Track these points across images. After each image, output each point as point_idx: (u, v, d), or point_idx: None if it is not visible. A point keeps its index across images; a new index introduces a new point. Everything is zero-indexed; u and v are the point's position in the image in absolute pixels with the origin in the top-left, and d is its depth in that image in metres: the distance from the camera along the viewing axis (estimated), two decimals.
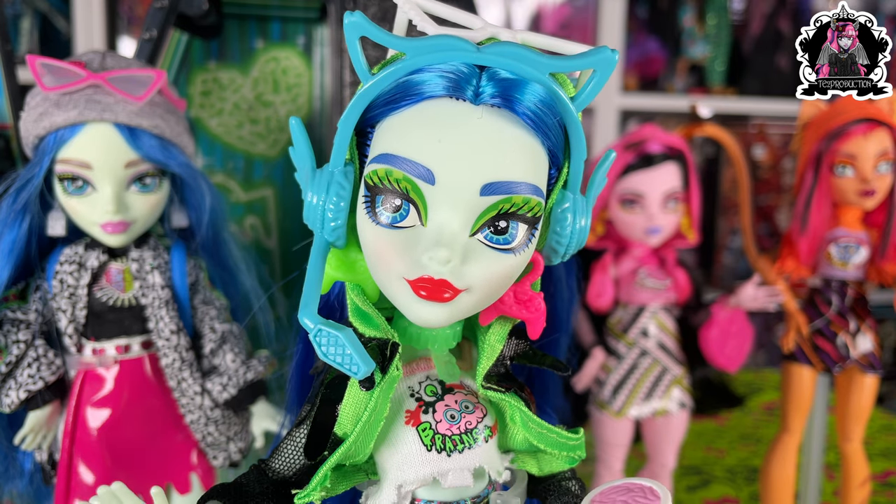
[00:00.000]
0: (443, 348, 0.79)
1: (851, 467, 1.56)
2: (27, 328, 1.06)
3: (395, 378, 0.74)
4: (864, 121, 1.39)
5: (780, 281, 1.50)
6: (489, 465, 0.78)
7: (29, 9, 2.17)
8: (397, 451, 0.76)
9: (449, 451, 0.75)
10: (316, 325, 0.71)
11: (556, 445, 0.79)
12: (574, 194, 0.74)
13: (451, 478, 0.75)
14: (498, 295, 0.74)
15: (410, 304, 0.70)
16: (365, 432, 0.74)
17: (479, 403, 0.79)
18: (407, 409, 0.76)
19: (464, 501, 0.79)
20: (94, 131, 1.02)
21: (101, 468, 1.08)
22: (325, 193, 0.72)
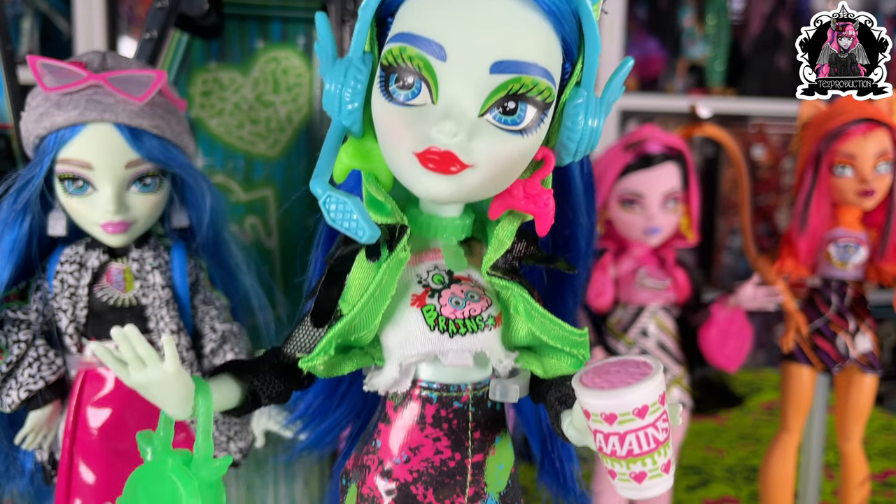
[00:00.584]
0: (451, 238, 0.81)
1: (851, 467, 1.56)
2: (28, 328, 1.06)
3: (402, 259, 0.77)
4: (863, 121, 1.39)
5: (779, 281, 1.50)
6: (491, 351, 0.79)
7: (30, 9, 2.17)
8: (401, 330, 0.78)
9: (451, 333, 0.77)
10: (325, 192, 0.74)
11: (558, 339, 0.80)
12: (588, 91, 0.75)
13: (452, 356, 0.78)
14: (505, 179, 0.75)
15: (418, 176, 0.72)
16: (370, 306, 0.76)
17: (486, 296, 0.80)
18: (413, 293, 0.79)
19: (464, 386, 0.81)
20: (95, 131, 1.02)
21: (101, 468, 1.08)
22: (343, 78, 0.74)
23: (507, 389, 0.80)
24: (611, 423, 0.68)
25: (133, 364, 0.74)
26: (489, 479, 0.83)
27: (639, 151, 1.42)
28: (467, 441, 0.81)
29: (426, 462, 0.81)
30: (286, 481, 1.56)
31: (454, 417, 0.81)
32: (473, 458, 0.82)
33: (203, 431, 0.75)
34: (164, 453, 0.77)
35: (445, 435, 0.81)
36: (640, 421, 0.68)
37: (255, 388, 0.80)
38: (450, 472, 0.81)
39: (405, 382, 0.81)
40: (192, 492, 0.75)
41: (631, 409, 0.67)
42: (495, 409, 0.84)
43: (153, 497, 0.76)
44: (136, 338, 0.74)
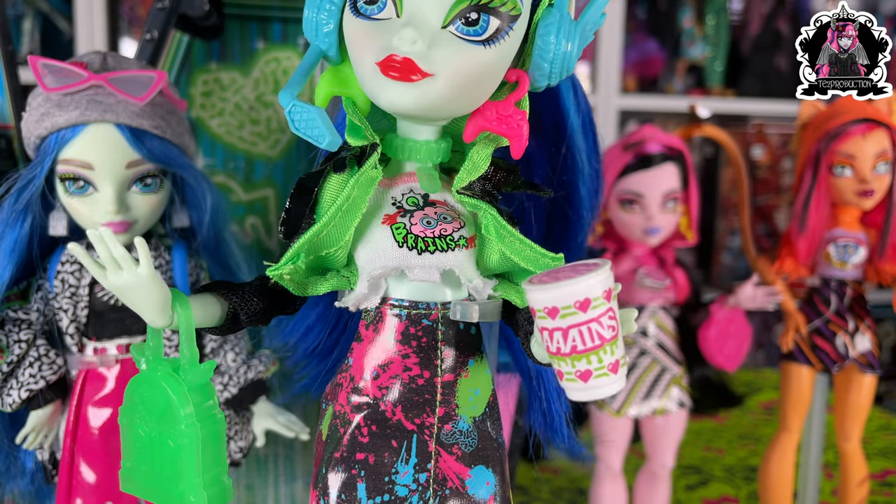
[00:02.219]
0: (426, 160, 0.82)
1: (850, 466, 1.56)
2: (29, 328, 1.06)
3: (372, 177, 0.79)
4: (862, 121, 1.39)
5: (778, 281, 1.50)
6: (460, 270, 0.80)
7: (31, 9, 2.17)
8: (371, 246, 0.80)
9: (420, 250, 0.78)
10: (290, 101, 0.76)
11: (530, 260, 0.80)
12: (561, 12, 0.76)
13: (418, 272, 0.78)
14: (472, 93, 0.76)
15: (381, 86, 0.74)
16: (339, 219, 0.78)
17: (459, 219, 0.82)
18: (386, 213, 0.81)
19: (434, 304, 0.82)
20: (96, 132, 1.03)
21: (102, 467, 1.08)
22: (318, 1, 0.77)
23: (468, 309, 0.80)
24: (553, 317, 0.69)
25: (109, 266, 0.77)
26: (461, 401, 0.83)
27: (638, 152, 1.42)
28: (436, 360, 0.82)
29: (395, 379, 0.81)
30: (286, 481, 1.56)
31: (423, 335, 0.81)
32: (443, 378, 0.82)
33: (185, 338, 0.80)
34: (156, 362, 0.82)
35: (414, 352, 0.81)
36: (582, 315, 0.68)
37: (235, 305, 0.83)
38: (418, 389, 0.81)
39: (374, 298, 0.82)
40: (182, 395, 0.80)
41: (572, 301, 0.68)
42: (469, 333, 0.84)
43: (148, 403, 0.82)
44: (111, 240, 0.77)
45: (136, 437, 0.85)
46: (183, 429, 0.80)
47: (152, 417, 0.82)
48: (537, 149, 0.97)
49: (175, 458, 0.81)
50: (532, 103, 0.82)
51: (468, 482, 0.83)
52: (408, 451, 0.81)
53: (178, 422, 0.80)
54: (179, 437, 0.80)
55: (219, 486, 0.82)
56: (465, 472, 0.83)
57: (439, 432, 0.82)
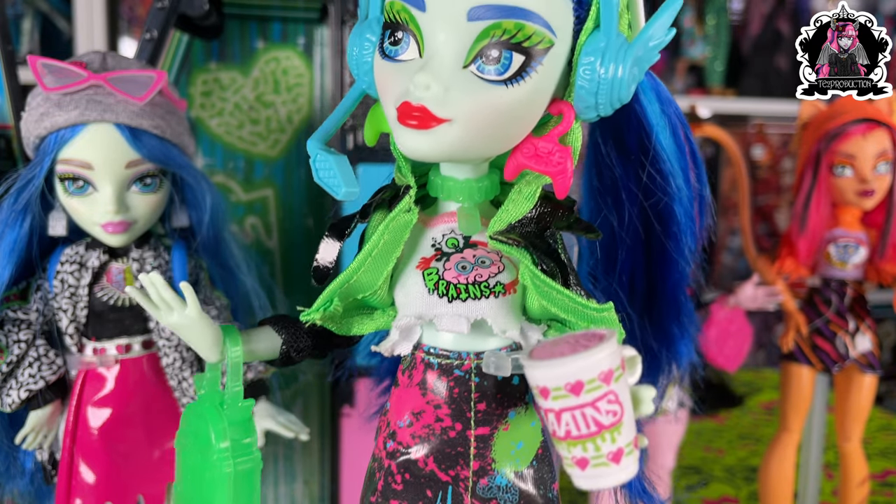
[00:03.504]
0: (467, 200, 0.78)
1: (850, 467, 1.56)
2: (28, 328, 1.06)
3: (407, 220, 0.76)
4: (863, 121, 1.39)
5: (779, 281, 1.50)
6: (493, 319, 0.76)
7: (30, 9, 2.17)
8: (404, 291, 0.78)
9: (451, 298, 0.75)
10: (315, 150, 0.75)
11: (571, 312, 0.75)
12: (608, 37, 0.68)
13: (446, 322, 0.75)
14: (497, 135, 0.71)
15: (399, 133, 0.70)
16: (370, 265, 0.76)
17: (500, 262, 0.77)
18: (422, 256, 0.78)
19: (466, 354, 0.78)
20: (95, 131, 1.02)
21: (102, 468, 1.08)
22: (359, 39, 0.75)
23: (502, 362, 0.74)
24: (545, 397, 0.63)
25: (162, 307, 0.79)
26: (499, 454, 0.79)
27: None
28: (469, 412, 0.78)
29: (427, 428, 0.79)
30: (286, 481, 1.56)
31: (455, 386, 0.78)
32: (477, 431, 0.78)
33: (231, 374, 0.81)
34: (208, 393, 0.83)
35: (446, 403, 0.78)
36: (574, 398, 0.61)
37: (286, 341, 0.82)
38: (451, 441, 0.78)
39: (406, 345, 0.80)
40: (220, 429, 0.80)
41: (563, 383, 0.61)
42: (510, 382, 0.79)
43: (195, 432, 0.83)
44: (160, 284, 0.79)
45: (185, 462, 0.86)
46: (217, 462, 0.80)
47: (197, 446, 0.83)
48: (623, 170, 0.87)
49: (211, 489, 0.81)
50: (613, 121, 0.77)
51: None
52: (443, 502, 0.79)
53: (214, 454, 0.80)
54: (214, 470, 0.80)
55: None
56: None
57: (475, 486, 0.79)
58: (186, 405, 0.86)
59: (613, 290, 0.91)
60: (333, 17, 1.41)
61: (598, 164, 0.88)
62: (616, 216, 0.89)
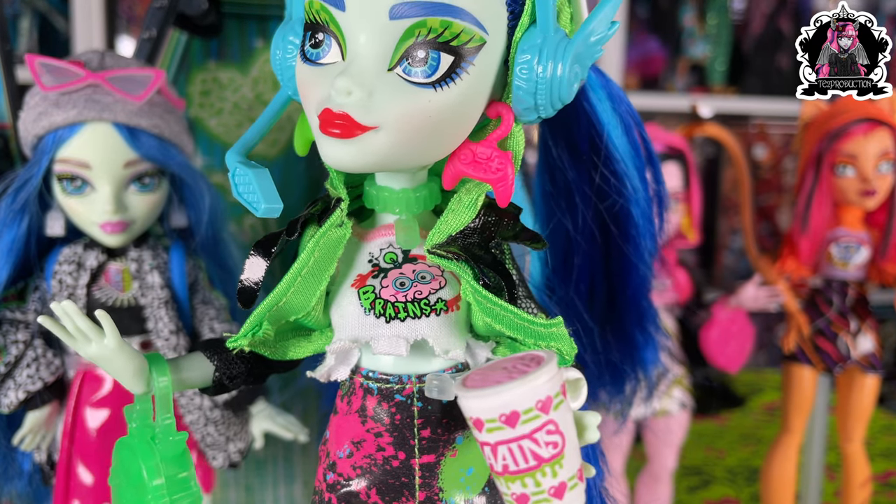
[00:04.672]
0: (405, 212, 0.73)
1: (852, 468, 1.55)
2: (26, 328, 1.06)
3: (338, 236, 0.71)
4: (864, 120, 1.39)
5: (780, 281, 1.49)
6: (435, 340, 0.71)
7: (28, 8, 2.17)
8: (340, 313, 0.73)
9: (388, 318, 0.70)
10: (234, 165, 0.71)
11: (517, 329, 0.70)
12: (545, 33, 0.64)
13: (383, 344, 0.70)
14: (428, 142, 0.66)
15: (322, 142, 0.65)
16: (300, 284, 0.71)
17: (442, 275, 0.73)
18: (359, 273, 0.73)
19: (407, 377, 0.73)
20: (93, 131, 1.02)
21: (99, 469, 1.08)
22: (282, 42, 0.72)
23: (445, 386, 0.69)
24: (479, 429, 0.59)
25: (78, 337, 0.73)
26: (447, 483, 0.74)
27: None
28: (413, 439, 0.73)
29: (369, 459, 0.74)
30: (286, 482, 1.55)
31: (397, 412, 0.73)
32: (422, 459, 0.73)
33: (160, 406, 0.75)
34: (138, 426, 0.77)
35: (387, 430, 0.73)
36: (509, 430, 0.57)
37: (218, 369, 0.76)
38: (394, 472, 0.73)
39: (343, 370, 0.75)
40: (153, 465, 0.74)
41: (496, 414, 0.57)
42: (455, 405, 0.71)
43: (127, 469, 0.77)
44: (74, 313, 0.73)
45: (121, 499, 0.80)
46: (152, 501, 0.74)
47: (130, 484, 0.77)
48: (576, 173, 0.84)
49: None
50: (562, 121, 0.73)
51: None
52: None
53: (148, 493, 0.74)
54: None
55: None
56: None
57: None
58: (117, 441, 0.80)
59: (571, 299, 0.87)
60: None
61: (549, 166, 0.84)
62: (570, 220, 0.85)
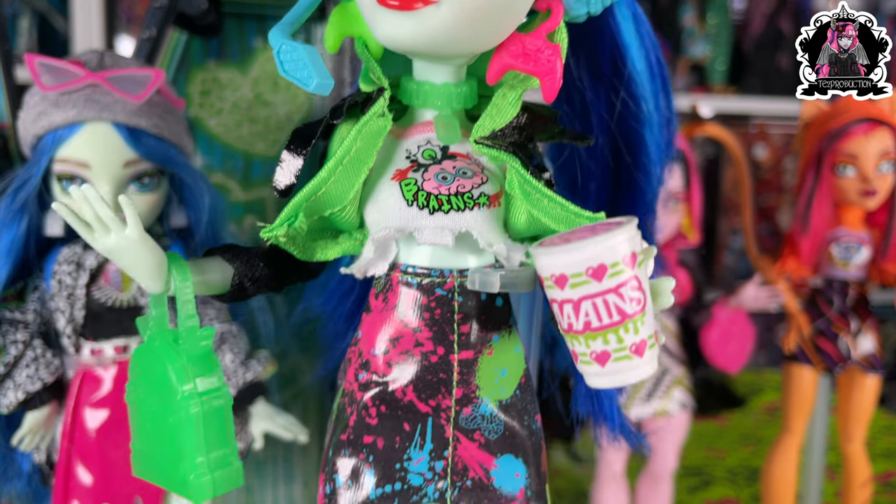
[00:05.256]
0: (444, 107, 0.73)
1: (853, 468, 1.55)
2: (25, 328, 1.06)
3: (380, 127, 0.70)
4: (865, 120, 1.39)
5: (781, 281, 1.49)
6: (479, 232, 0.70)
7: (27, 8, 2.16)
8: (378, 206, 0.72)
9: (432, 209, 0.69)
10: (279, 41, 0.70)
11: (561, 220, 0.69)
12: None
13: (428, 234, 0.69)
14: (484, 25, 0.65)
15: (379, 17, 0.64)
16: (340, 173, 0.70)
17: (483, 173, 0.72)
18: (397, 169, 0.72)
19: (449, 271, 0.72)
20: (93, 131, 1.02)
21: (99, 469, 1.08)
22: None
23: (488, 278, 0.68)
24: (562, 286, 0.58)
25: (96, 226, 0.70)
26: (483, 381, 0.74)
27: None
28: (452, 334, 0.72)
29: (406, 355, 0.73)
30: (286, 482, 1.55)
31: (437, 306, 0.72)
32: (461, 355, 0.73)
33: (182, 305, 0.73)
34: (156, 332, 0.76)
35: (427, 325, 0.72)
36: (596, 284, 0.57)
37: (239, 270, 0.75)
38: (432, 367, 0.72)
39: (381, 265, 0.73)
40: (180, 367, 0.73)
41: (583, 267, 0.57)
42: (494, 304, 0.74)
43: (149, 377, 0.75)
44: (95, 199, 0.70)
45: (141, 415, 0.78)
46: (182, 404, 0.72)
47: (153, 393, 0.75)
48: (594, 93, 0.84)
49: (176, 437, 0.74)
50: (586, 39, 0.73)
51: (493, 472, 0.73)
52: (422, 435, 0.72)
53: (177, 396, 0.73)
54: (179, 412, 0.73)
55: (226, 469, 0.75)
56: (490, 462, 0.74)
57: (457, 416, 0.73)
58: (134, 350, 0.79)
59: None
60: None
61: (567, 88, 0.83)
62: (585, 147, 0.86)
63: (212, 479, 0.73)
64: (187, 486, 0.73)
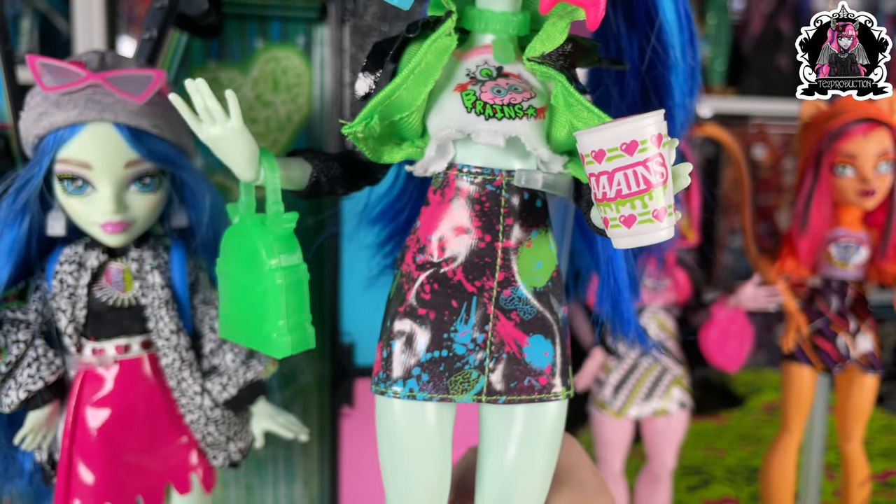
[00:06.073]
0: (502, 32, 0.84)
1: (851, 467, 1.56)
2: (27, 328, 1.06)
3: (447, 44, 0.80)
4: (864, 120, 1.39)
5: (780, 281, 1.50)
6: (526, 138, 0.80)
7: (29, 8, 2.16)
8: (442, 113, 0.82)
9: (487, 116, 0.80)
10: None
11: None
12: None
13: (483, 136, 0.80)
14: None
15: None
16: (411, 81, 0.79)
17: (531, 90, 0.82)
18: (458, 83, 0.82)
19: (498, 170, 0.83)
20: (94, 131, 1.02)
21: (100, 468, 1.08)
22: None
23: (532, 176, 0.82)
24: (600, 160, 0.69)
25: (204, 117, 0.81)
26: (522, 269, 0.84)
27: None
28: (498, 224, 0.83)
29: (457, 241, 0.83)
30: (286, 482, 1.55)
31: (486, 200, 0.83)
32: (504, 243, 0.83)
33: (271, 192, 0.84)
34: (245, 215, 0.89)
35: (477, 216, 0.83)
36: (628, 157, 0.68)
37: (317, 168, 0.87)
38: (479, 252, 0.83)
39: (441, 163, 0.84)
40: (268, 244, 0.85)
41: (618, 143, 0.68)
42: (534, 204, 0.85)
43: (239, 253, 0.89)
44: (206, 92, 0.80)
45: (230, 285, 0.92)
46: (268, 274, 0.84)
47: (243, 266, 0.88)
48: (628, 40, 0.97)
49: (262, 303, 0.86)
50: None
51: (525, 349, 0.84)
52: (467, 311, 0.83)
53: (265, 268, 0.85)
54: (265, 282, 0.85)
55: (301, 332, 0.87)
56: (524, 339, 0.84)
57: (498, 297, 0.83)
58: (226, 230, 0.92)
59: None
60: (333, 17, 1.41)
61: (605, 35, 0.96)
62: (618, 89, 0.98)
63: (291, 339, 0.86)
64: (271, 343, 0.86)
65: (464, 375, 0.83)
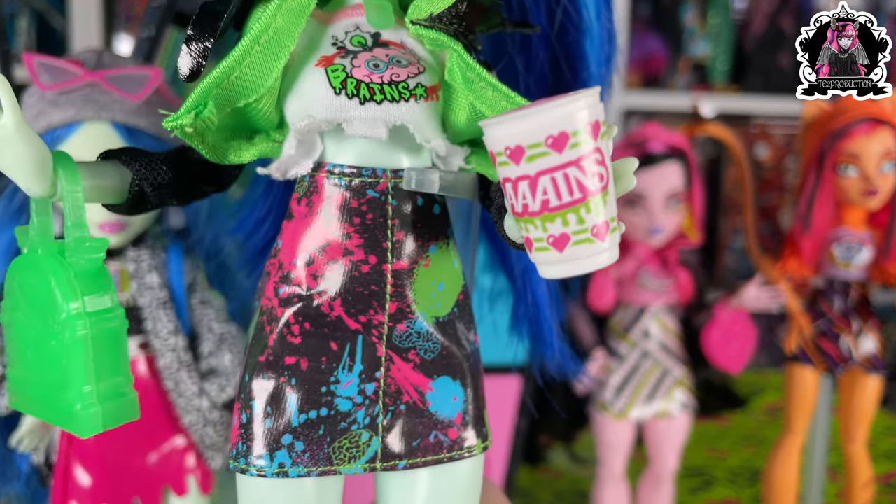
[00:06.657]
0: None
1: (855, 469, 1.55)
2: None
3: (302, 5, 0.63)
4: (867, 120, 1.38)
5: (782, 281, 1.49)
6: (416, 126, 0.63)
7: (26, 7, 2.16)
8: (302, 96, 0.64)
9: (363, 99, 0.62)
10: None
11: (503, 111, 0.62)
12: None
13: (358, 125, 0.62)
14: None
15: None
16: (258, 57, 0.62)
17: (419, 63, 0.65)
18: (322, 55, 0.65)
19: (381, 170, 0.65)
20: (91, 130, 1.02)
21: (97, 470, 1.07)
22: None
23: (426, 177, 0.63)
24: (517, 160, 0.51)
25: None
26: (419, 296, 0.67)
27: (641, 150, 1.41)
28: (385, 241, 0.66)
29: (333, 265, 0.65)
30: None
31: (368, 210, 0.65)
32: (395, 265, 0.66)
33: (71, 210, 0.64)
34: (37, 243, 0.66)
35: (357, 231, 0.65)
36: (556, 156, 0.50)
37: (139, 174, 0.66)
38: (362, 278, 0.65)
39: (305, 163, 0.67)
40: (66, 282, 0.63)
41: (543, 136, 0.50)
42: (431, 211, 0.67)
43: (30, 294, 0.66)
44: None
45: (19, 338, 0.68)
46: (67, 324, 0.63)
47: (35, 312, 0.65)
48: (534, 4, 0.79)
49: (61, 363, 0.64)
50: None
51: (429, 396, 0.68)
52: (351, 355, 0.66)
53: (61, 315, 0.63)
54: (63, 334, 0.63)
55: (118, 400, 0.66)
56: (426, 384, 0.68)
57: (391, 333, 0.66)
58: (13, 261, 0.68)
59: None
60: None
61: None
62: (523, 59, 0.80)
63: (101, 410, 0.64)
64: (73, 419, 0.64)
65: (351, 439, 0.66)
